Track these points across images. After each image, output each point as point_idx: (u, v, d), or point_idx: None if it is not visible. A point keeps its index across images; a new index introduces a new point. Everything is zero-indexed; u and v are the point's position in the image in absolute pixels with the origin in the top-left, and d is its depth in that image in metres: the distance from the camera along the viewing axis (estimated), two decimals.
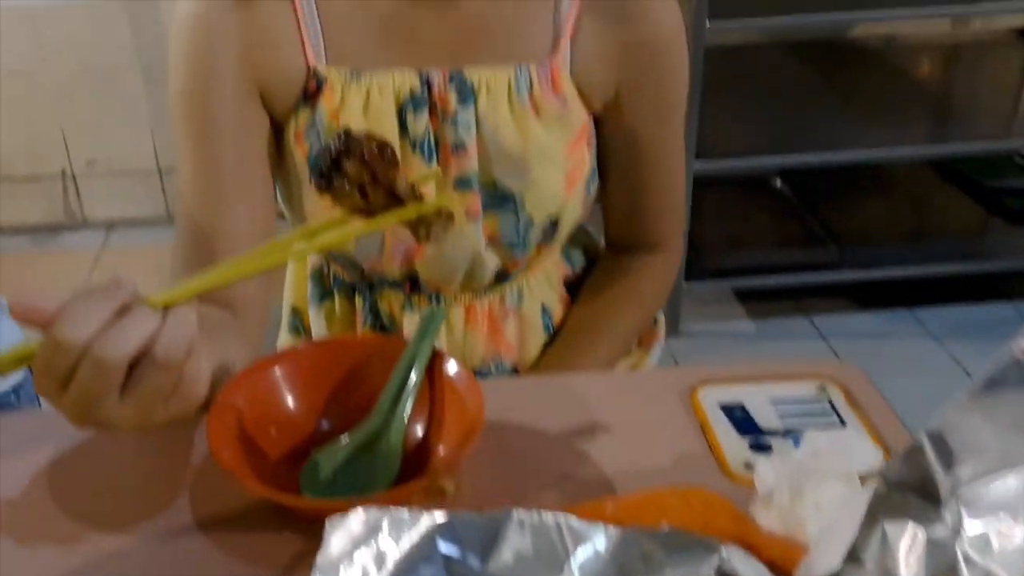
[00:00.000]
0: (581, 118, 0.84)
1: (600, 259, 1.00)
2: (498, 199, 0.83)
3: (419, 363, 0.64)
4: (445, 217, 0.62)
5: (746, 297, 2.19)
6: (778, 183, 2.38)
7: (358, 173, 0.59)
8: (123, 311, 0.53)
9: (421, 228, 0.62)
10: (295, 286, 0.98)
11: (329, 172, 0.59)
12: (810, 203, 2.31)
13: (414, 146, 0.81)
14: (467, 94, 0.80)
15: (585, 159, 0.85)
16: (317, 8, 0.79)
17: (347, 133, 0.61)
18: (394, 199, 0.60)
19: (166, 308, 0.55)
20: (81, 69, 2.41)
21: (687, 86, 0.89)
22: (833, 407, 0.67)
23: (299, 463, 0.62)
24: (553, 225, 0.86)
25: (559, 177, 0.83)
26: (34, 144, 2.49)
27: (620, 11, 0.82)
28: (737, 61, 2.28)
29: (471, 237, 0.84)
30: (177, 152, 0.81)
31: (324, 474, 0.62)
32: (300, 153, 0.81)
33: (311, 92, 0.80)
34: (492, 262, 0.87)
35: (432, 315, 0.67)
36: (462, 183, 0.82)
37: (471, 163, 0.82)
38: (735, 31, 2.15)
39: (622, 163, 0.89)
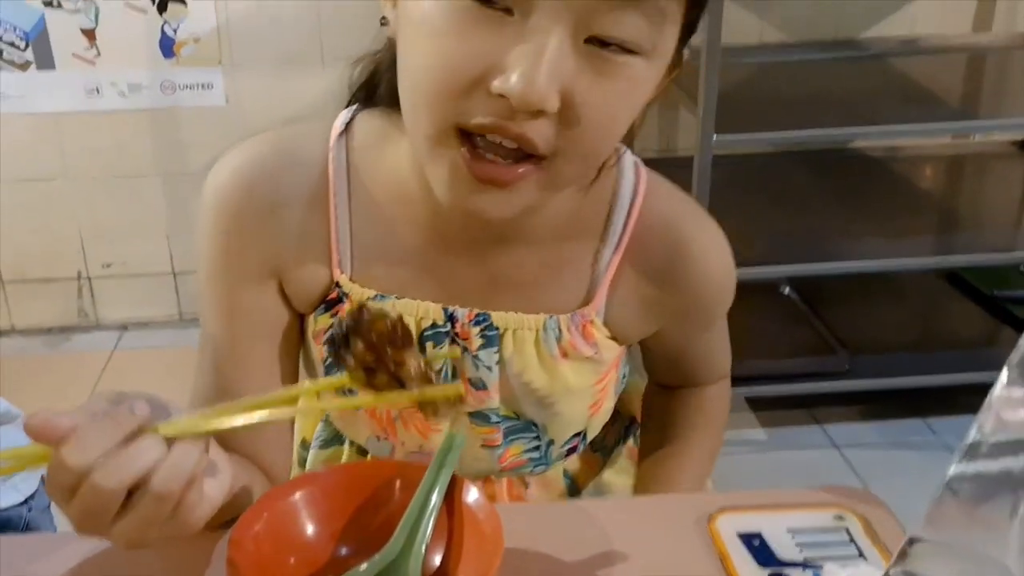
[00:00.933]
0: (613, 354, 0.81)
1: (647, 393, 0.97)
2: (519, 427, 0.82)
3: (439, 489, 0.64)
4: (454, 400, 0.62)
5: (758, 405, 2.18)
6: (787, 290, 2.39)
7: (364, 354, 0.60)
8: (130, 438, 0.54)
9: (428, 407, 0.62)
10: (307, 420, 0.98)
11: (338, 346, 0.60)
12: (820, 310, 2.32)
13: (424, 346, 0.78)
14: (492, 337, 0.76)
15: (614, 382, 0.83)
16: (351, 223, 0.76)
17: (360, 310, 0.61)
18: (398, 384, 0.60)
19: (174, 439, 0.56)
20: (102, 175, 2.47)
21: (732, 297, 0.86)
22: (851, 537, 0.67)
23: None
24: (578, 438, 0.86)
25: (585, 406, 0.81)
26: (52, 247, 2.53)
27: (665, 274, 0.78)
28: (744, 169, 2.33)
29: (486, 462, 0.83)
30: (193, 256, 0.79)
31: None
32: (318, 352, 0.80)
33: (332, 301, 0.77)
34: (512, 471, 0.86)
35: (452, 440, 0.68)
36: (479, 417, 0.80)
37: (491, 402, 0.79)
38: (742, 144, 2.20)
39: (669, 357, 0.90)
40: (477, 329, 0.76)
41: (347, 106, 0.80)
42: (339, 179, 0.75)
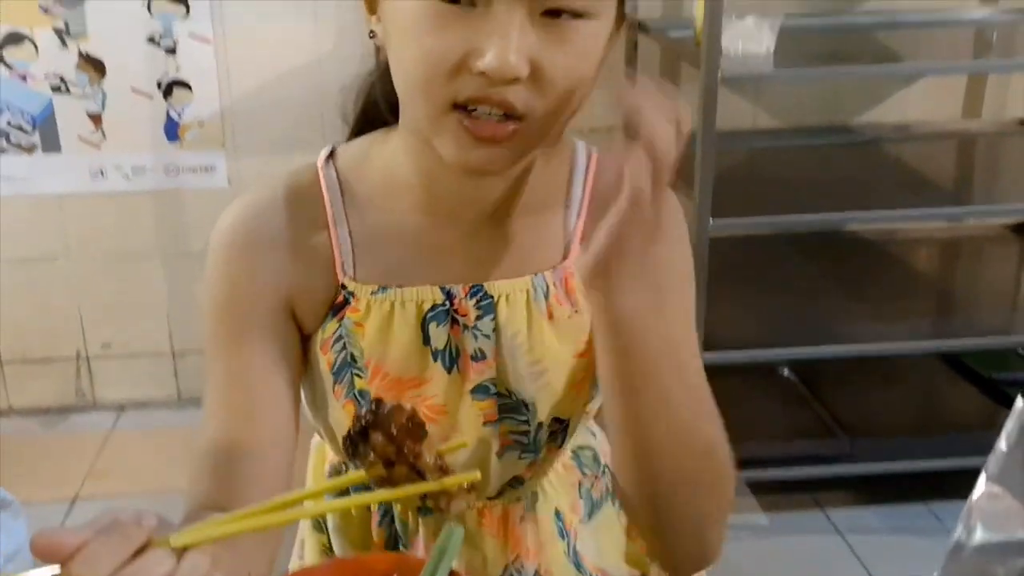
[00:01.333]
0: (590, 318, 0.84)
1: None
2: (512, 405, 0.85)
3: None
4: (468, 491, 0.63)
5: (759, 489, 2.16)
6: (786, 372, 2.39)
7: (384, 447, 0.60)
8: (140, 552, 0.54)
9: (442, 498, 0.62)
10: (315, 479, 0.98)
11: (356, 441, 0.61)
12: (819, 392, 2.32)
13: (435, 356, 0.83)
14: (488, 306, 0.83)
15: (591, 366, 0.86)
16: (348, 224, 0.83)
17: (378, 404, 0.62)
18: (416, 474, 0.61)
19: (183, 550, 0.56)
20: (104, 255, 2.49)
21: (688, 283, 0.87)
22: None
23: None
24: (562, 426, 0.87)
25: (568, 384, 0.85)
26: (51, 326, 2.54)
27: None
28: (741, 252, 2.35)
29: (487, 441, 0.85)
30: (192, 336, 0.82)
31: None
32: (325, 362, 0.83)
33: (339, 305, 0.83)
34: (506, 466, 0.87)
35: (450, 534, 0.67)
36: (480, 390, 0.84)
37: (490, 371, 0.84)
38: (738, 228, 2.22)
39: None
40: (473, 301, 0.83)
41: (351, 131, 0.90)
42: (332, 192, 0.83)
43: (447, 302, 0.83)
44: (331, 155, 0.87)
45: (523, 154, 0.75)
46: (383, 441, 0.60)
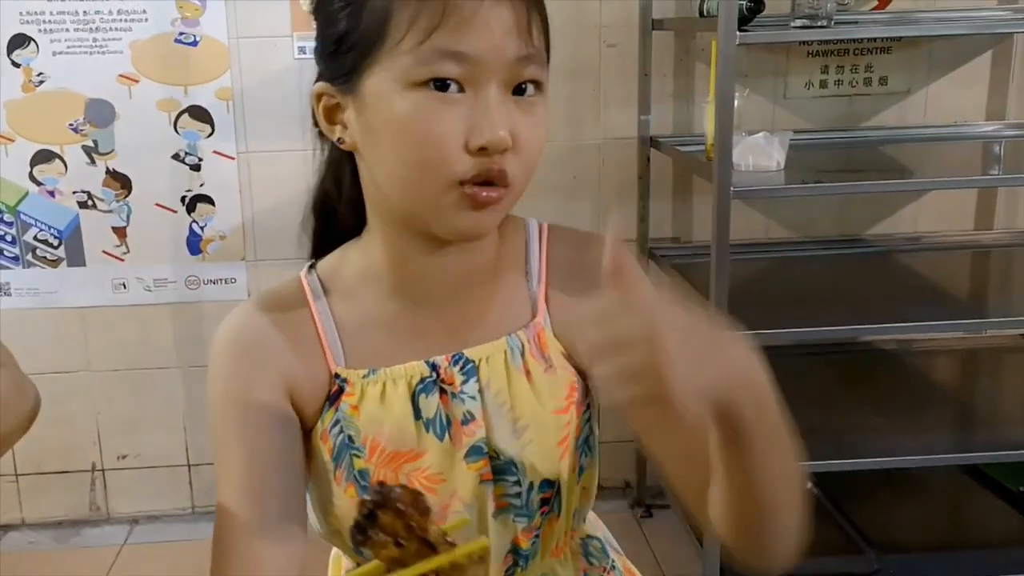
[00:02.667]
0: (567, 379, 0.90)
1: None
2: (502, 466, 0.87)
3: None
4: (477, 559, 0.63)
5: None
6: (809, 485, 2.35)
7: (393, 525, 0.61)
8: None
9: (454, 573, 0.62)
10: None
11: (365, 525, 0.61)
12: (843, 506, 2.27)
13: (427, 427, 0.87)
14: (471, 369, 0.88)
15: (573, 423, 0.89)
16: (334, 318, 0.90)
17: (382, 485, 0.63)
18: (427, 547, 0.61)
19: None
20: (124, 367, 2.51)
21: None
22: None
23: None
24: (554, 489, 0.88)
25: (551, 442, 0.88)
26: (69, 439, 2.54)
27: (582, 265, 0.90)
28: None
29: (483, 499, 0.87)
30: (208, 447, 0.84)
31: None
32: (326, 450, 0.87)
33: (334, 393, 0.88)
34: (503, 530, 0.88)
35: None
36: (473, 452, 0.87)
37: (480, 431, 0.87)
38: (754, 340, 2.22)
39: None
40: (457, 368, 0.88)
41: (311, 254, 0.97)
42: (315, 293, 0.91)
43: (433, 373, 0.88)
44: (311, 266, 0.94)
45: (502, 215, 0.83)
46: (391, 518, 0.61)
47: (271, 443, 0.85)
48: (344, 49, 0.81)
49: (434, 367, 0.88)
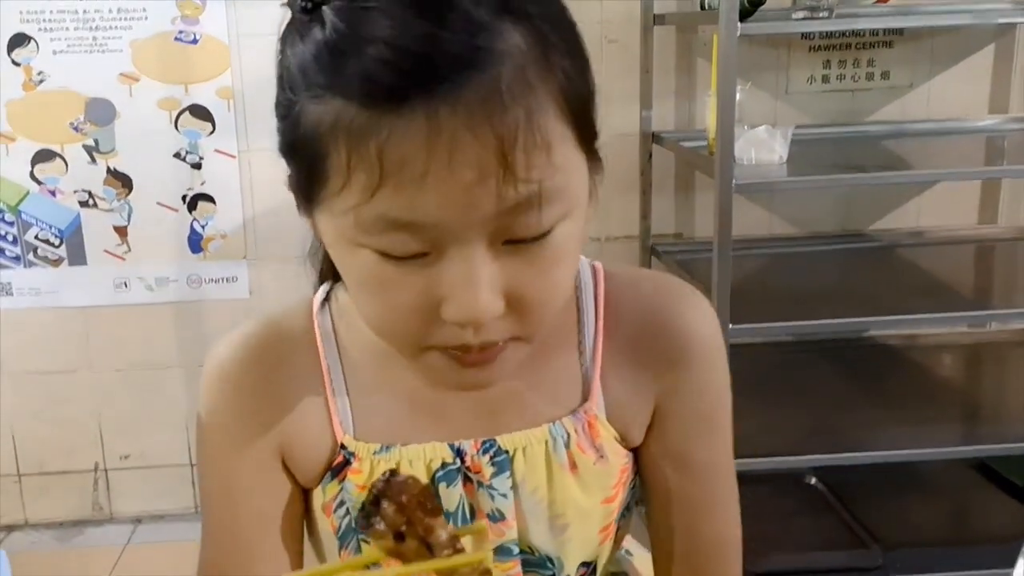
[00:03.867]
0: (619, 463, 0.79)
1: None
2: (536, 561, 0.80)
3: None
4: (481, 573, 0.60)
5: None
6: (813, 480, 2.34)
7: (395, 518, 0.58)
8: None
9: None
10: None
11: (370, 512, 0.59)
12: (847, 501, 2.26)
13: (448, 518, 0.76)
14: (503, 462, 0.76)
15: (619, 506, 0.81)
16: (344, 377, 0.77)
17: (392, 474, 0.60)
18: (427, 549, 0.59)
19: None
20: (125, 367, 2.50)
21: (728, 402, 0.82)
22: None
23: None
24: (589, 568, 0.83)
25: (594, 530, 0.80)
26: (71, 439, 2.53)
27: (646, 335, 0.78)
28: (762, 360, 2.33)
29: None
30: None
31: None
32: (329, 525, 0.78)
33: (338, 466, 0.77)
34: None
35: None
36: (503, 552, 0.78)
37: (511, 532, 0.77)
38: (757, 334, 2.22)
39: (670, 487, 0.81)
40: (486, 458, 0.76)
41: (319, 281, 0.83)
42: (327, 345, 0.77)
43: (457, 460, 0.76)
44: (328, 297, 0.81)
45: (521, 357, 0.67)
46: (394, 511, 0.58)
47: (258, 510, 0.77)
48: (291, 166, 0.66)
49: (459, 453, 0.76)
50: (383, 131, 0.55)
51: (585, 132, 0.63)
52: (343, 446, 0.76)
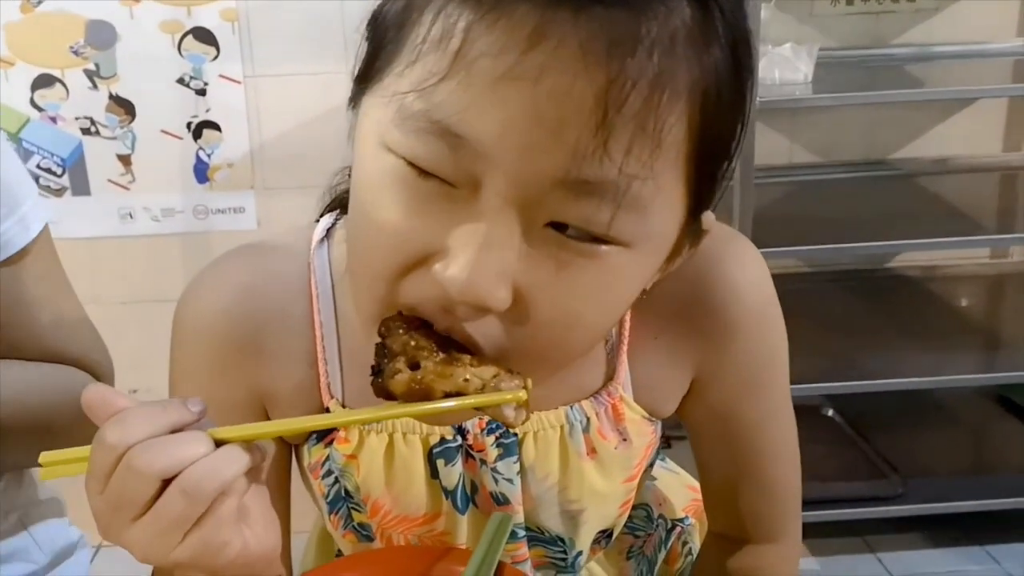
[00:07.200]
0: (644, 443, 0.72)
1: (704, 547, 0.87)
2: (546, 540, 0.75)
3: (484, 574, 0.58)
4: (516, 408, 0.51)
5: (808, 532, 2.05)
6: (830, 411, 2.31)
7: (403, 345, 0.50)
8: (177, 429, 0.51)
9: (488, 412, 0.51)
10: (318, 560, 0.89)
11: (379, 366, 0.52)
12: (864, 432, 2.24)
13: (446, 493, 0.70)
14: (510, 445, 0.68)
15: (643, 476, 0.76)
16: (339, 342, 0.69)
17: (390, 319, 0.53)
18: (451, 363, 0.50)
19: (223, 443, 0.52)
20: (132, 300, 2.46)
21: (782, 355, 0.77)
22: None
23: None
24: (605, 534, 0.77)
25: (613, 509, 0.74)
26: None
27: (683, 305, 0.68)
28: (781, 288, 2.29)
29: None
30: None
31: None
32: (317, 488, 0.73)
33: (325, 429, 0.70)
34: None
35: (499, 522, 0.62)
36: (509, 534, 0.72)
37: (516, 517, 0.71)
38: (776, 259, 2.17)
39: (715, 446, 0.76)
40: (492, 438, 0.68)
41: (326, 211, 0.74)
42: (324, 297, 0.68)
43: (459, 437, 0.69)
44: (324, 237, 0.70)
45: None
46: (401, 339, 0.50)
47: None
48: (368, 40, 0.56)
49: (461, 431, 0.69)
50: (483, 7, 0.45)
51: (700, 178, 0.51)
52: (329, 410, 0.69)
